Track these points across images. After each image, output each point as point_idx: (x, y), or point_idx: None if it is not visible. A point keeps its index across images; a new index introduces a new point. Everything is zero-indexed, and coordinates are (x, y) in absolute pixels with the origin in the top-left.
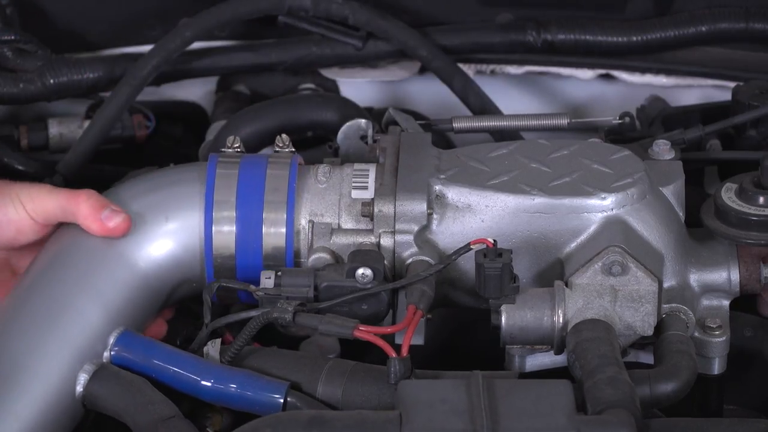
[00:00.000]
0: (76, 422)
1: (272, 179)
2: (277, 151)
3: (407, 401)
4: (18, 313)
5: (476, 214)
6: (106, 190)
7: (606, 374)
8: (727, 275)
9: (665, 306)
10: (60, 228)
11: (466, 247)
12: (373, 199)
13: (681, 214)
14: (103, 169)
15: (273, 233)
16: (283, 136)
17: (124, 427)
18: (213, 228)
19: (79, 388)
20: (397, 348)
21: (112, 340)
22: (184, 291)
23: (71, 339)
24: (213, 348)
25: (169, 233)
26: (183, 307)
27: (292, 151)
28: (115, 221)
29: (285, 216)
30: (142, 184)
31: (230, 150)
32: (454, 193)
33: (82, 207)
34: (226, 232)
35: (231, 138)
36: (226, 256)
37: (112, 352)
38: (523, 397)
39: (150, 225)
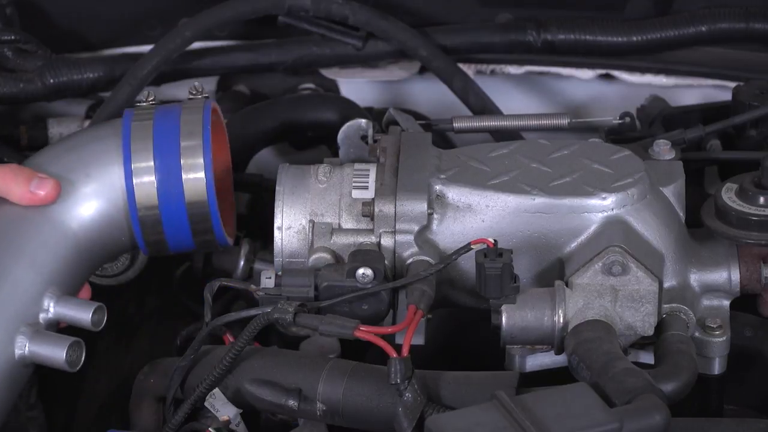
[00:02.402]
0: (20, 384)
1: (187, 125)
2: (191, 98)
3: None
4: None
5: (477, 214)
6: (25, 160)
7: (619, 367)
8: (728, 275)
9: (665, 306)
10: None
11: (467, 247)
12: (373, 199)
13: (681, 214)
14: None
15: (193, 179)
16: (196, 83)
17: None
18: (133, 180)
19: (18, 351)
20: (398, 348)
21: (46, 301)
22: (117, 247)
23: (5, 304)
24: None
25: (92, 190)
26: (183, 307)
27: (205, 97)
28: (45, 189)
29: (203, 161)
30: (60, 145)
31: (145, 103)
32: (454, 193)
33: (10, 185)
34: (146, 183)
35: (145, 92)
36: (150, 207)
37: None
38: (553, 404)
39: (72, 184)
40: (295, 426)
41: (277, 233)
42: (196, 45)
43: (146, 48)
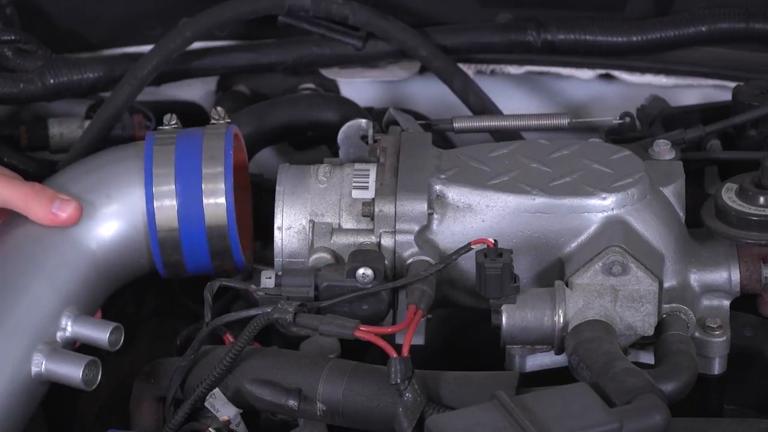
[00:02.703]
0: (35, 401)
1: (209, 150)
2: (213, 123)
3: None
4: None
5: (477, 214)
6: (47, 178)
7: (619, 367)
8: (728, 275)
9: (666, 306)
10: (8, 215)
11: (467, 247)
12: (373, 199)
13: (681, 214)
14: None
15: (213, 204)
16: (219, 108)
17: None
18: (154, 203)
19: (35, 369)
20: (398, 348)
21: (64, 320)
22: (135, 268)
23: (24, 322)
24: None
25: (112, 211)
26: (183, 307)
27: (228, 122)
28: (67, 212)
29: (224, 186)
30: (82, 165)
31: (167, 127)
32: (454, 193)
33: (31, 205)
34: (167, 207)
35: (168, 116)
36: (170, 230)
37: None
38: (553, 404)
39: (92, 205)
40: (295, 426)
41: (277, 233)
42: (196, 45)
43: (146, 48)
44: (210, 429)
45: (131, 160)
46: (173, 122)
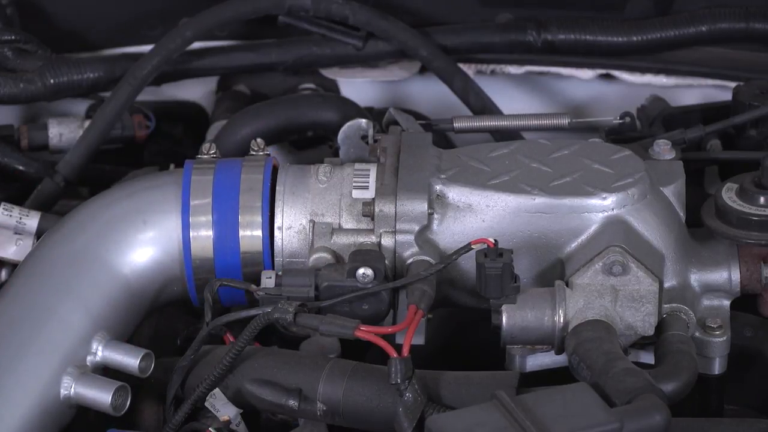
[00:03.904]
0: (63, 424)
1: (247, 182)
2: (252, 155)
3: None
4: (1, 320)
5: (477, 214)
6: (92, 197)
7: (619, 367)
8: (728, 275)
9: (666, 306)
10: (42, 237)
11: (467, 247)
12: (374, 198)
13: (682, 214)
14: (103, 169)
15: (249, 236)
16: (258, 140)
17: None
18: (190, 232)
19: (64, 391)
20: (398, 348)
21: (95, 344)
22: (167, 295)
23: (55, 344)
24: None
25: (148, 238)
26: (183, 307)
27: (267, 154)
28: None
29: (260, 218)
30: (121, 190)
31: (206, 156)
32: (454, 193)
33: None
34: (203, 236)
35: (207, 145)
36: (205, 259)
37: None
38: (553, 404)
39: (128, 229)
40: (295, 426)
41: (277, 233)
42: (196, 45)
43: (146, 48)
44: (210, 429)
45: (169, 187)
46: (212, 151)
